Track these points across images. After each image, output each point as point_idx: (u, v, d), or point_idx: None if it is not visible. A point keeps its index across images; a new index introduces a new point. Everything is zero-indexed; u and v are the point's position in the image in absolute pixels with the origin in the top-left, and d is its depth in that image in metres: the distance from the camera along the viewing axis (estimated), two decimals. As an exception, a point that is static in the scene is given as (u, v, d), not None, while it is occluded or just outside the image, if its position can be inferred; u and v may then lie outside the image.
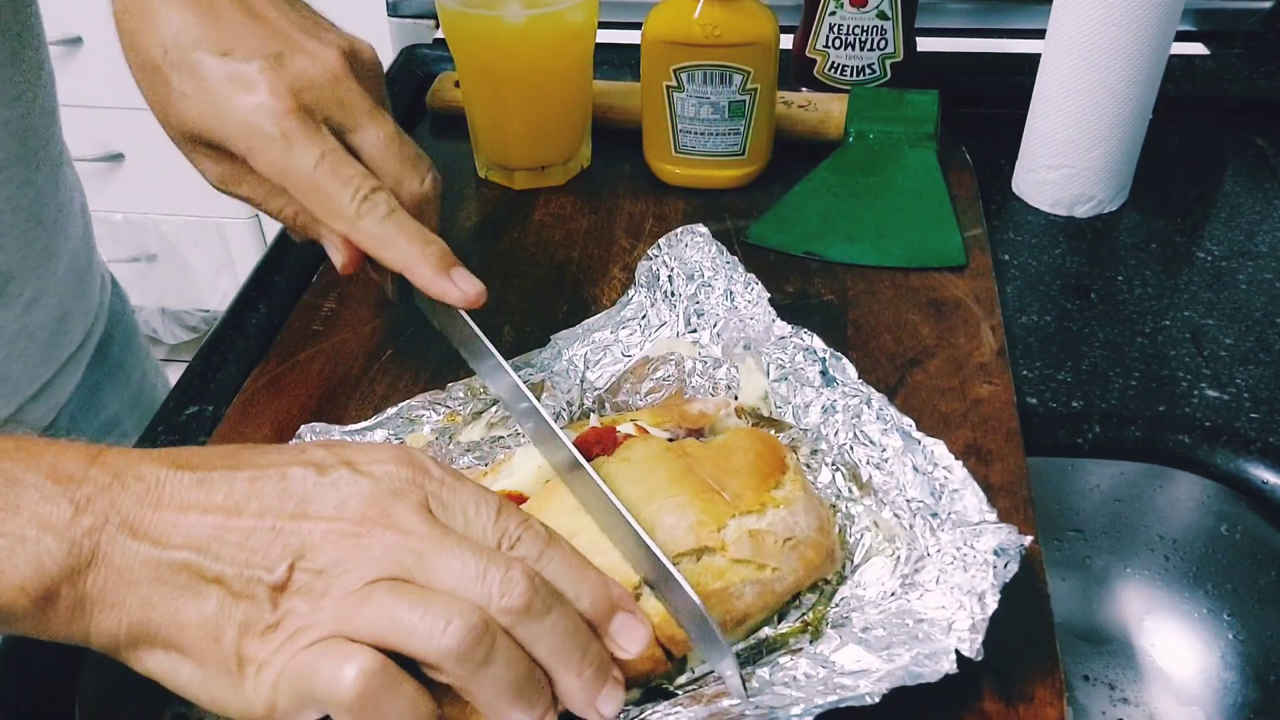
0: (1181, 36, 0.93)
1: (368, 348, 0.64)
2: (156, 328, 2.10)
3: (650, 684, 0.45)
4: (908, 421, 0.51)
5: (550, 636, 0.39)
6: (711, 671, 0.45)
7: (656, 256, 0.63)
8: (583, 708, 0.40)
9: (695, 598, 0.43)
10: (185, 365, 0.65)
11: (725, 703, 0.42)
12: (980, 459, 0.55)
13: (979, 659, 0.42)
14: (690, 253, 0.62)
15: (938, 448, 0.49)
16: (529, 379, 0.58)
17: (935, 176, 0.76)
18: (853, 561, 0.49)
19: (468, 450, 0.54)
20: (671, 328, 0.61)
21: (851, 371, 0.54)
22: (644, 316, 0.62)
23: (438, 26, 1.01)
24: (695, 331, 0.60)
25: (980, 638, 0.43)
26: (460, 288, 0.50)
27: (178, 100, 0.51)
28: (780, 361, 0.56)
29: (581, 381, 0.59)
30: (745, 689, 0.42)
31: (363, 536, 0.38)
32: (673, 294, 0.62)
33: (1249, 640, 0.61)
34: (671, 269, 0.62)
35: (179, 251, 1.99)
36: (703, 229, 0.63)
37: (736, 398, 0.56)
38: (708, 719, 0.42)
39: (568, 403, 0.57)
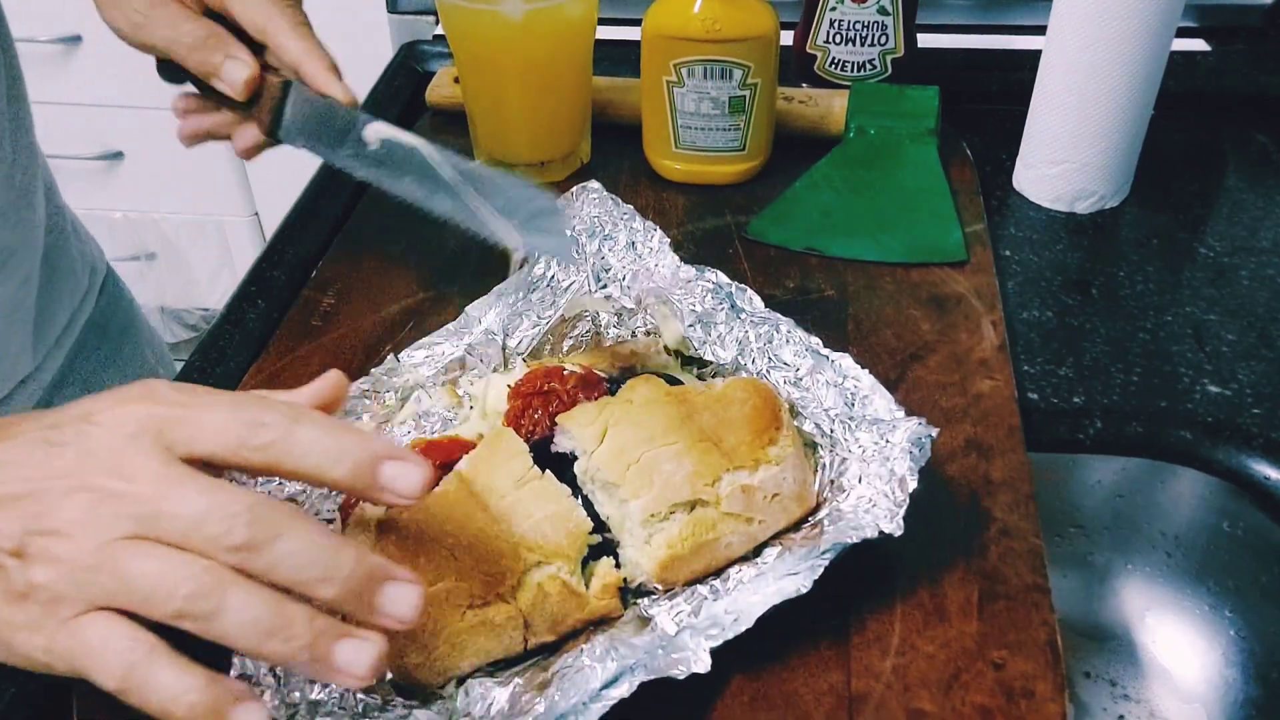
0: (1182, 33, 0.93)
1: (366, 343, 0.64)
2: (156, 327, 2.10)
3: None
4: (816, 340, 0.54)
5: (285, 562, 0.38)
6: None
7: None
8: (364, 616, 0.39)
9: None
10: (185, 362, 0.65)
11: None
12: (981, 454, 0.55)
13: (899, 534, 0.45)
14: (588, 209, 0.63)
15: (844, 360, 0.53)
16: (450, 356, 0.59)
17: (936, 172, 0.76)
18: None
19: (409, 432, 0.56)
20: (581, 285, 0.62)
21: (757, 301, 0.57)
22: (552, 277, 0.63)
23: (437, 22, 1.00)
24: (605, 286, 0.62)
25: (901, 513, 0.46)
26: (343, 85, 0.59)
27: None
28: (691, 305, 0.58)
29: (504, 349, 0.60)
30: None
31: (92, 491, 0.38)
32: (577, 252, 0.63)
33: (1251, 637, 0.61)
34: (573, 228, 0.63)
35: (178, 250, 1.99)
36: (596, 185, 0.64)
37: (661, 338, 0.58)
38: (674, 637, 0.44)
39: (494, 370, 0.59)
